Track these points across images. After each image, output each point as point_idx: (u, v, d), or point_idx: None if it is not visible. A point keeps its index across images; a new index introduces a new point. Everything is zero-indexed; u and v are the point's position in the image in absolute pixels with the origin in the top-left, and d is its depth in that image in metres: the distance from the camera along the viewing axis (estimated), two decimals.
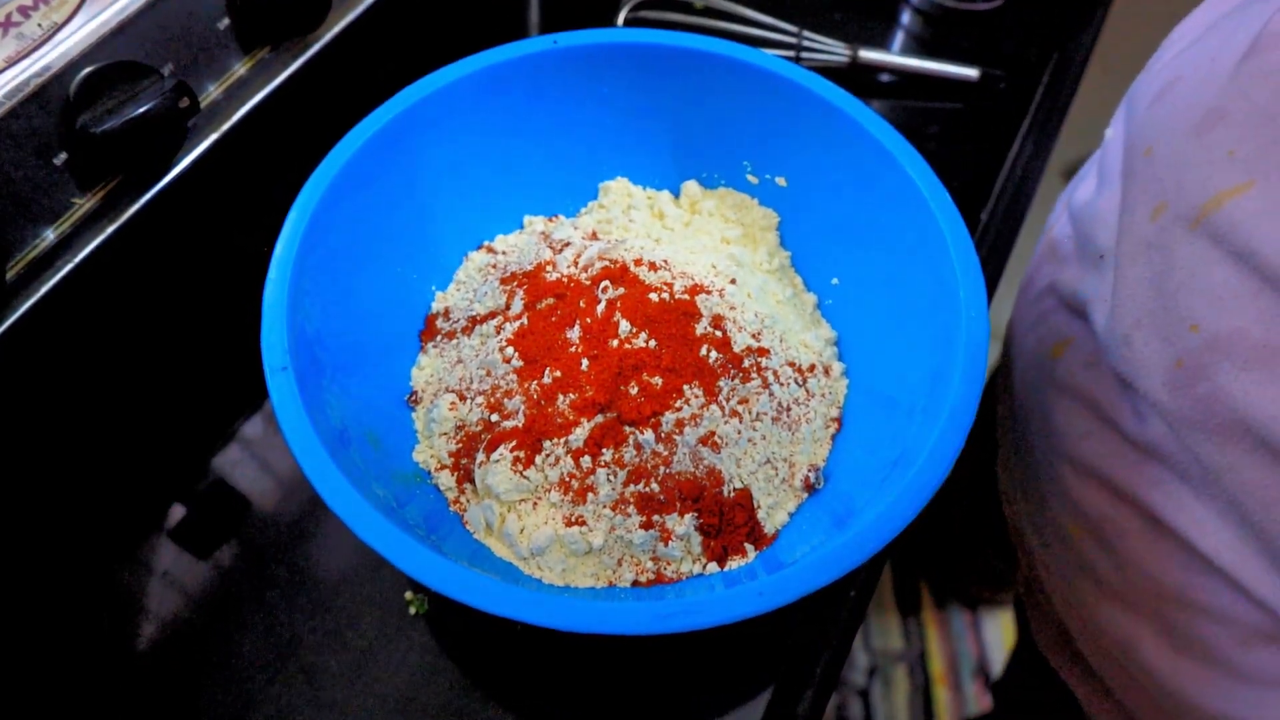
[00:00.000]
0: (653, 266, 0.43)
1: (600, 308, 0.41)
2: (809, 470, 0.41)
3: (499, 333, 0.42)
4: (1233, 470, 0.35)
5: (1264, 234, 0.32)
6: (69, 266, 0.43)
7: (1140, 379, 0.39)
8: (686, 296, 0.41)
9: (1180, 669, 0.41)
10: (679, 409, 0.39)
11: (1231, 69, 0.35)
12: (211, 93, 0.47)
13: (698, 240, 0.48)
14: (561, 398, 0.39)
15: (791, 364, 0.43)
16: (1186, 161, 0.36)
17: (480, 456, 0.40)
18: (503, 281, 0.44)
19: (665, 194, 0.50)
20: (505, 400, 0.40)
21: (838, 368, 0.45)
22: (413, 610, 0.43)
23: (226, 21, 0.46)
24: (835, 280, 0.47)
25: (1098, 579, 0.46)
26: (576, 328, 0.41)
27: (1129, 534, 0.42)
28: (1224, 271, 0.33)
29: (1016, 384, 0.56)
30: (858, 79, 0.64)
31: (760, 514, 0.40)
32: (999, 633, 1.32)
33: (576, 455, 0.38)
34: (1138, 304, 0.39)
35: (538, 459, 0.39)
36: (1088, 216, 0.46)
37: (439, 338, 0.45)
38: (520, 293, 0.43)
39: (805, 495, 0.41)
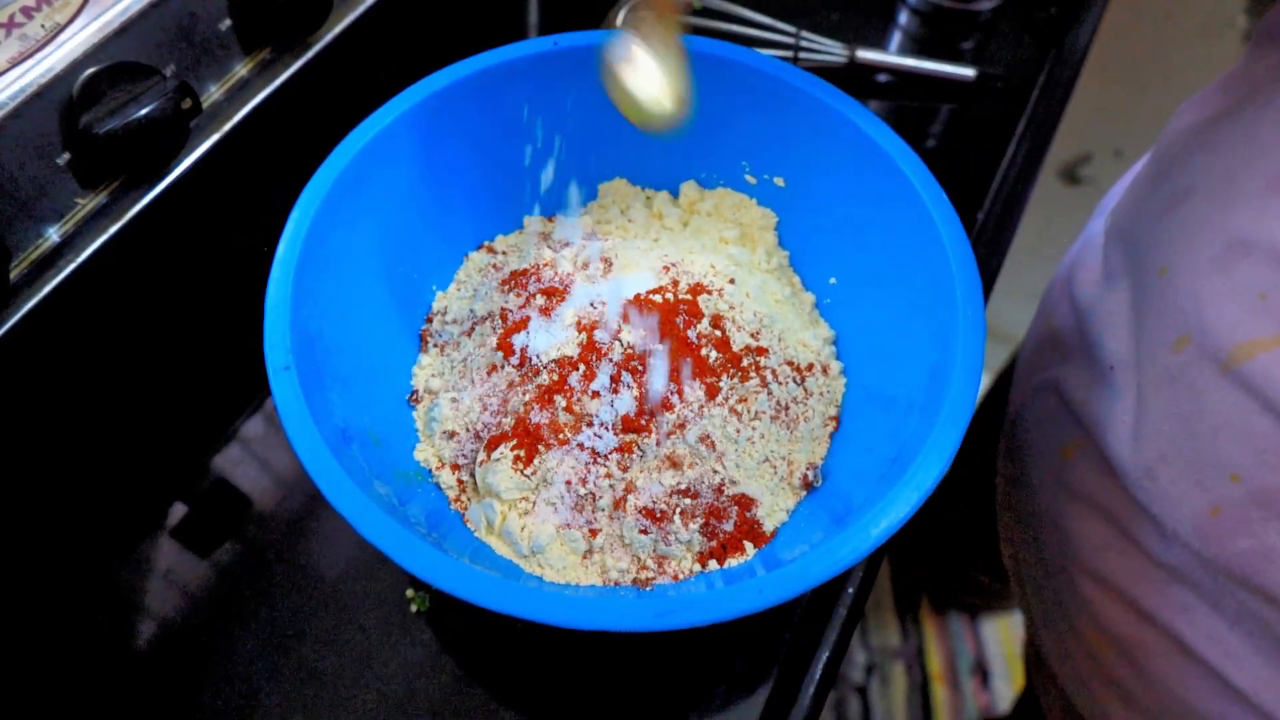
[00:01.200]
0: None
1: (601, 308, 0.41)
2: (807, 469, 0.42)
3: (498, 333, 0.42)
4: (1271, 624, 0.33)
5: None
6: (71, 266, 0.43)
7: (1167, 516, 0.37)
8: (688, 296, 0.42)
9: None
10: (679, 408, 0.39)
11: (1257, 194, 0.33)
12: (213, 93, 0.47)
13: (696, 240, 0.48)
14: (561, 397, 0.39)
15: (790, 363, 0.43)
16: (1210, 296, 0.34)
17: (481, 455, 0.40)
18: (503, 282, 0.45)
19: (664, 194, 0.50)
20: (506, 399, 0.41)
21: (836, 366, 0.45)
22: (414, 608, 0.44)
23: (228, 22, 0.46)
24: (833, 280, 0.47)
25: (1123, 691, 0.44)
26: (576, 327, 0.41)
27: (1156, 655, 0.40)
28: (1264, 424, 0.31)
29: (1021, 474, 0.52)
30: (855, 79, 0.64)
31: (759, 512, 0.40)
32: (997, 631, 1.32)
33: (577, 454, 0.39)
34: (1164, 439, 0.36)
35: (538, 458, 0.39)
36: (1095, 318, 0.44)
37: (439, 337, 0.45)
38: (520, 293, 0.43)
39: (804, 493, 0.42)
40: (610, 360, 0.40)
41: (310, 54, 0.51)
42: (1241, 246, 0.32)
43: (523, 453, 0.39)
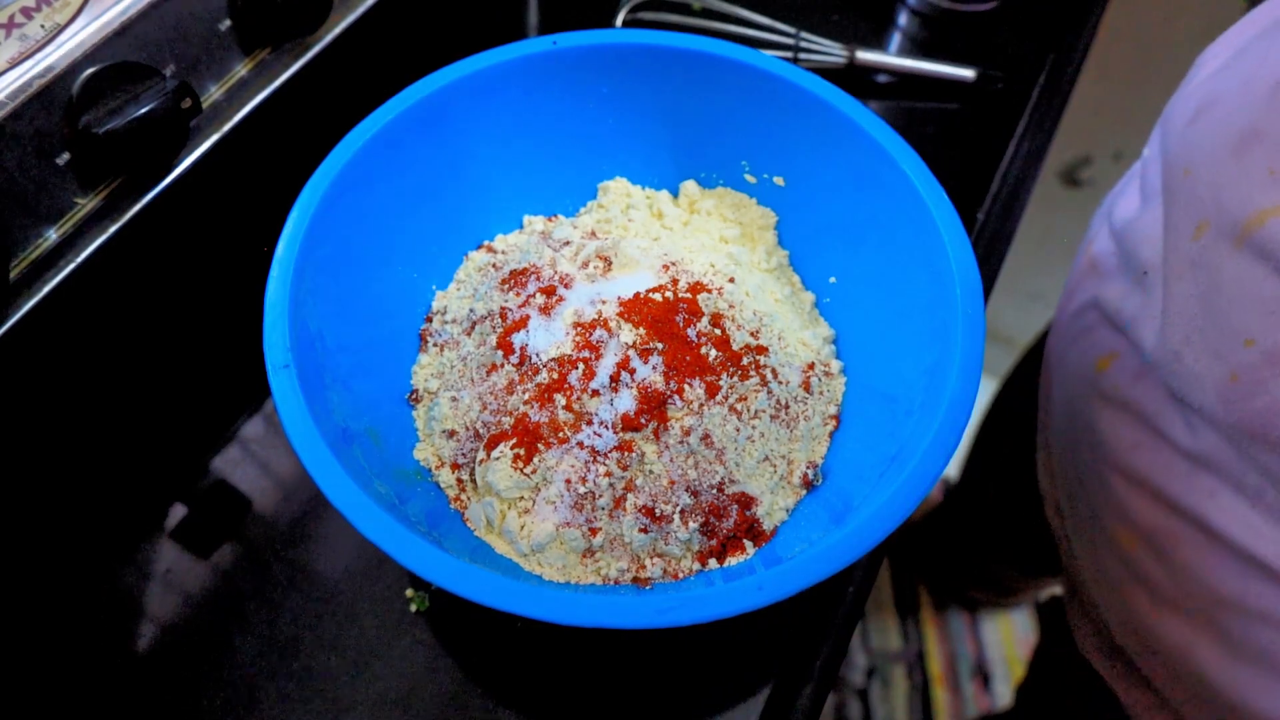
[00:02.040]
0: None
1: (600, 307, 0.41)
2: (807, 467, 0.42)
3: (498, 332, 0.42)
4: None
5: None
6: (71, 266, 0.43)
7: (1192, 394, 0.39)
8: (688, 295, 0.42)
9: (1238, 675, 0.41)
10: (679, 407, 0.39)
11: (1268, 91, 0.36)
12: (213, 93, 0.47)
13: (696, 239, 0.48)
14: (561, 396, 0.39)
15: (790, 362, 0.43)
16: (1226, 181, 0.36)
17: (480, 454, 0.40)
18: (502, 281, 0.45)
19: (664, 193, 0.51)
20: (505, 398, 0.41)
21: (836, 365, 0.45)
22: (413, 607, 0.44)
23: (228, 23, 0.46)
24: (833, 279, 0.47)
25: (1151, 588, 0.46)
26: (575, 325, 0.41)
27: (1183, 543, 0.43)
28: (1274, 286, 0.34)
29: (1057, 396, 0.56)
30: (855, 80, 0.65)
31: (759, 511, 0.40)
32: (997, 634, 1.32)
33: (576, 453, 0.39)
34: (1186, 320, 0.39)
35: (537, 457, 0.39)
36: (1131, 234, 0.47)
37: (439, 337, 0.45)
38: (520, 292, 0.43)
39: (804, 492, 0.42)
40: (610, 359, 0.40)
41: (310, 54, 0.51)
42: (1254, 135, 0.35)
43: (522, 451, 0.39)
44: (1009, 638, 1.31)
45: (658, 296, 0.41)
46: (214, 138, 0.47)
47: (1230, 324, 0.36)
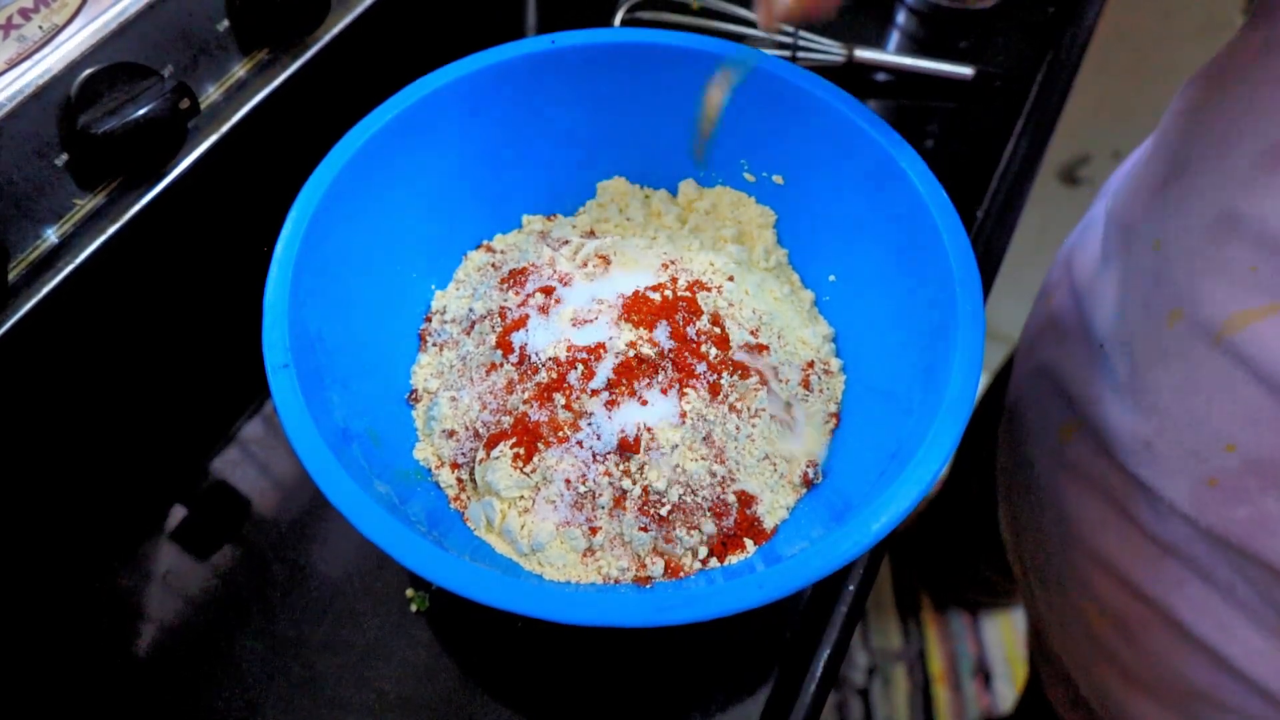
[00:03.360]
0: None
1: (599, 306, 0.41)
2: (807, 466, 0.42)
3: (497, 331, 0.42)
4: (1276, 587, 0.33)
5: None
6: (70, 267, 0.43)
7: (1164, 488, 0.37)
8: (687, 293, 0.42)
9: None
10: (679, 406, 0.39)
11: (1248, 171, 0.33)
12: (211, 94, 0.47)
13: (695, 238, 0.48)
14: (560, 395, 0.39)
15: (790, 360, 0.43)
16: (1203, 269, 0.34)
17: (480, 454, 0.40)
18: (501, 280, 0.45)
19: (662, 192, 0.51)
20: (505, 398, 0.41)
21: (835, 364, 0.45)
22: (414, 607, 0.44)
23: (226, 23, 0.46)
24: (832, 278, 0.47)
25: (1121, 667, 0.44)
26: (575, 325, 0.41)
27: (1152, 630, 0.41)
28: (1257, 394, 0.32)
29: (1020, 454, 0.53)
30: (854, 78, 0.65)
31: (759, 509, 0.40)
32: (998, 632, 1.32)
33: (576, 452, 0.39)
34: (1159, 413, 0.37)
35: (537, 456, 0.39)
36: (1089, 298, 0.45)
37: (438, 336, 0.45)
38: (519, 291, 0.43)
39: (804, 491, 0.42)
40: (609, 358, 0.40)
41: (308, 55, 0.51)
42: (1231, 220, 0.33)
43: (522, 451, 0.39)
44: (1010, 637, 1.31)
45: (656, 295, 0.41)
46: (212, 138, 0.47)
47: (1210, 425, 0.34)
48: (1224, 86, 0.38)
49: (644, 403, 0.39)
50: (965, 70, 0.63)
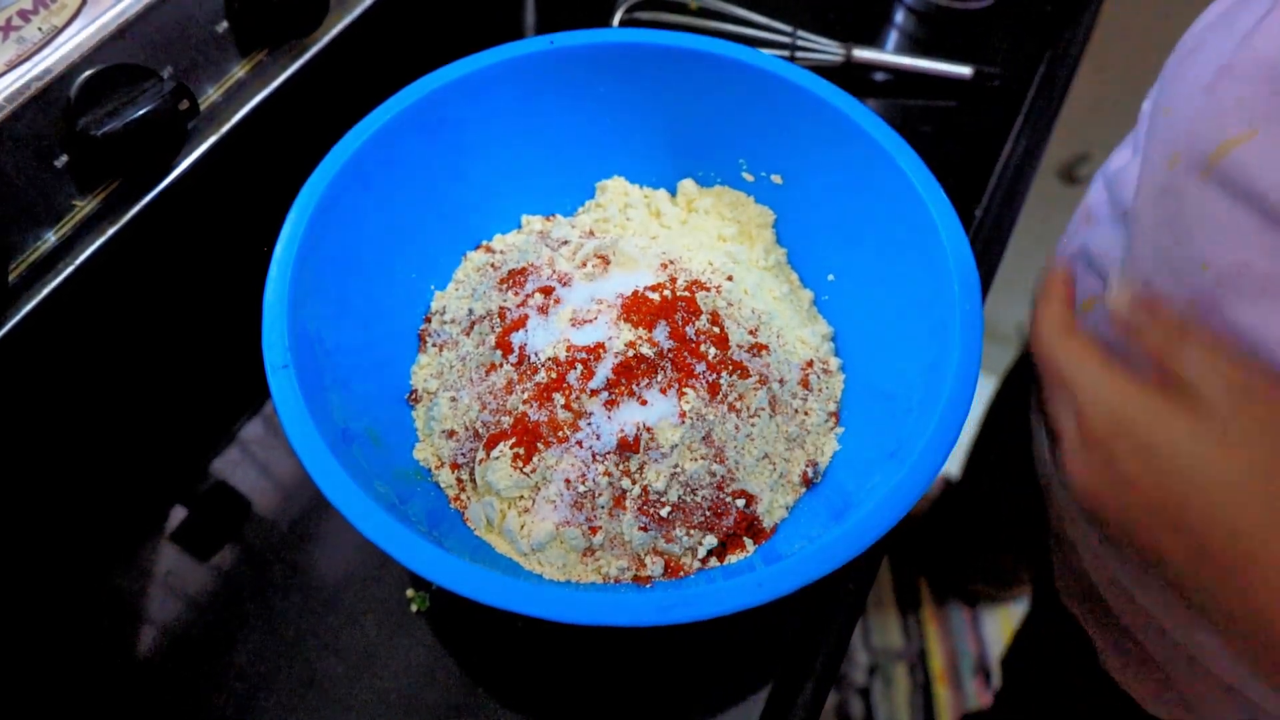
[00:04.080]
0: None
1: (599, 306, 0.41)
2: (807, 465, 0.42)
3: (496, 331, 0.42)
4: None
5: (1267, 176, 0.33)
6: (70, 268, 0.43)
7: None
8: (686, 293, 0.42)
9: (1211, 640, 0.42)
10: (678, 406, 0.39)
11: (1243, 32, 0.37)
12: (210, 95, 0.47)
13: (694, 238, 0.48)
14: (560, 395, 0.39)
15: (789, 360, 0.43)
16: (1199, 114, 0.37)
17: (480, 454, 0.40)
18: (501, 281, 0.45)
19: (662, 192, 0.51)
20: (504, 398, 0.41)
21: (834, 363, 0.45)
22: (414, 607, 0.44)
23: (225, 24, 0.46)
24: (831, 277, 0.47)
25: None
26: (574, 325, 0.41)
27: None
28: (1231, 212, 0.35)
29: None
30: (852, 78, 0.65)
31: (759, 509, 0.40)
32: (998, 629, 1.32)
33: (576, 451, 0.39)
34: (1154, 250, 0.40)
35: (537, 456, 0.39)
36: (1119, 180, 0.48)
37: (438, 337, 0.45)
38: (518, 292, 0.43)
39: (804, 490, 0.42)
40: (608, 358, 0.40)
41: (307, 55, 0.51)
42: (1228, 68, 0.36)
43: (522, 451, 0.39)
44: (1010, 634, 1.31)
45: (656, 295, 0.41)
46: (212, 139, 0.47)
47: (1191, 249, 0.37)
48: None
49: (643, 402, 0.39)
50: (964, 70, 0.63)
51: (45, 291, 0.43)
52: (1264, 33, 0.35)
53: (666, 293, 0.41)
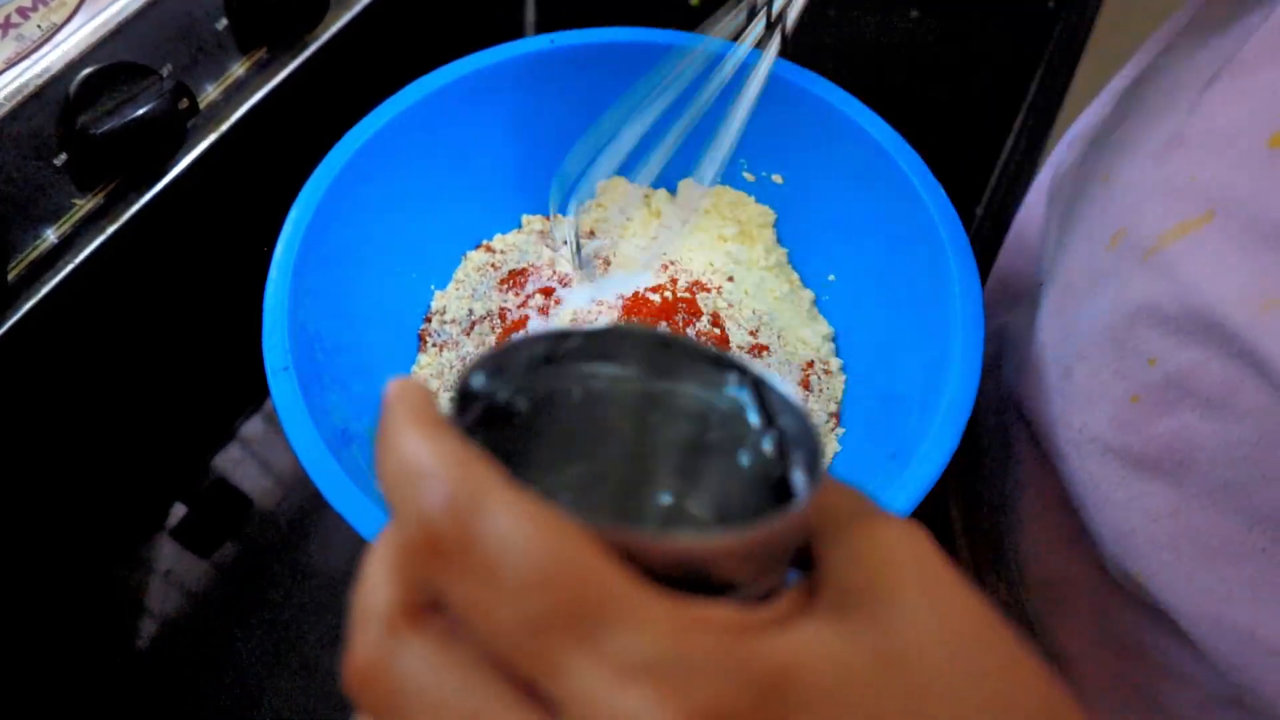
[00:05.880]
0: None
1: (599, 307, 0.41)
2: None
3: (497, 332, 0.42)
4: (1184, 512, 0.33)
5: (1212, 273, 0.30)
6: (70, 267, 0.43)
7: (1076, 414, 0.36)
8: (687, 294, 0.42)
9: None
10: None
11: (1197, 92, 0.33)
12: (210, 93, 0.47)
13: (695, 238, 0.48)
14: None
15: (789, 360, 0.43)
16: (1146, 188, 0.34)
17: None
18: (501, 281, 0.45)
19: (662, 191, 0.50)
20: None
21: (835, 363, 0.45)
22: None
23: (224, 22, 0.46)
24: (832, 276, 0.47)
25: (1051, 644, 0.44)
26: (576, 326, 0.41)
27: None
28: (1177, 307, 0.31)
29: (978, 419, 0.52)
30: (851, 74, 0.64)
31: None
32: None
33: None
34: (1084, 335, 0.36)
35: None
36: (1034, 243, 0.45)
37: (438, 337, 0.45)
38: (518, 292, 0.43)
39: None
40: None
41: (307, 53, 0.50)
42: (1178, 139, 0.33)
43: None
44: None
45: (656, 297, 0.41)
46: (211, 138, 0.47)
47: (1134, 340, 0.33)
48: (1181, 31, 0.39)
49: None
50: None
51: (45, 290, 0.43)
52: (1219, 98, 0.32)
53: (667, 294, 0.41)
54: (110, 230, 0.44)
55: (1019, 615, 0.46)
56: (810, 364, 0.44)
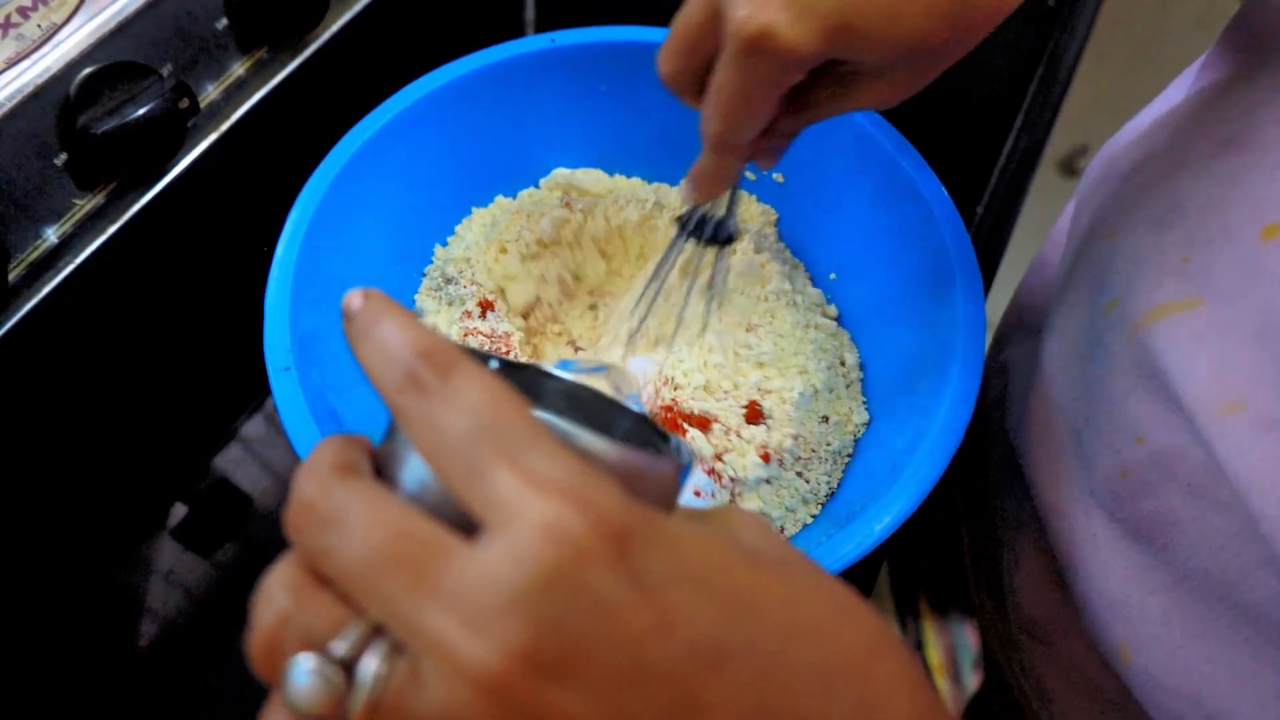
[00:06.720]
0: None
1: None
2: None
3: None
4: (1176, 590, 0.33)
5: (1185, 363, 0.30)
6: (70, 267, 0.43)
7: (1088, 476, 0.36)
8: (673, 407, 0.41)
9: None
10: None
11: (1196, 164, 0.33)
12: (210, 93, 0.47)
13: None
14: None
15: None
16: (1144, 257, 0.33)
17: None
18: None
19: (663, 187, 0.50)
20: None
21: (863, 416, 0.43)
22: None
23: (225, 22, 0.46)
24: (833, 275, 0.47)
25: (1036, 682, 0.44)
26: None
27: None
28: (1158, 386, 0.31)
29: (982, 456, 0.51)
30: None
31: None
32: None
33: None
34: (1085, 401, 0.36)
35: None
36: (1051, 286, 0.44)
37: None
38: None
39: (818, 510, 0.41)
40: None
41: (307, 53, 0.50)
42: (1179, 208, 0.32)
43: None
44: None
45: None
46: (212, 137, 0.47)
47: (1124, 416, 0.33)
48: (1190, 99, 0.38)
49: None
50: None
51: (45, 290, 0.43)
52: (1224, 170, 0.31)
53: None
54: (110, 230, 0.44)
55: (1008, 642, 0.45)
56: (826, 418, 0.43)
